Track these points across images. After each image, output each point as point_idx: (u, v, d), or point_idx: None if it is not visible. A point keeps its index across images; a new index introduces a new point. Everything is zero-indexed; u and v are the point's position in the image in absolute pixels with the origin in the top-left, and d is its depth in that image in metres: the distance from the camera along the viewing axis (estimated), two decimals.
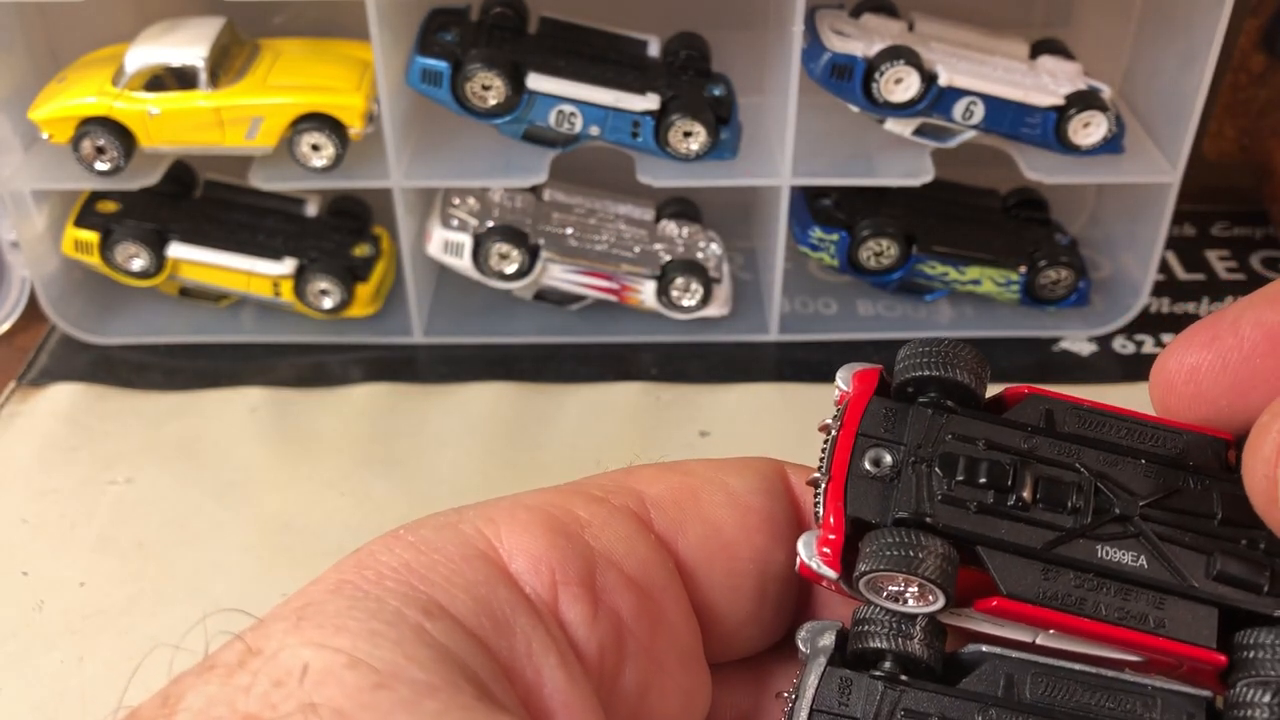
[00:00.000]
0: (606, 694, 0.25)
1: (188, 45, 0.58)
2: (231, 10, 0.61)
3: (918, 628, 0.26)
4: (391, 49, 0.57)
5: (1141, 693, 0.25)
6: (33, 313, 0.66)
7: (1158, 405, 0.27)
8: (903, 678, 0.26)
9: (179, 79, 0.58)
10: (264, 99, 0.59)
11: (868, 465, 0.26)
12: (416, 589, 0.23)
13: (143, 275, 0.64)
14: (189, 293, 0.66)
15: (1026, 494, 0.25)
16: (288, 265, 0.63)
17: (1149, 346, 0.66)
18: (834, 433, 0.26)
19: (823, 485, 0.26)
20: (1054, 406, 0.27)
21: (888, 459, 0.26)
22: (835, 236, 0.64)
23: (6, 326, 0.67)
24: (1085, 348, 0.66)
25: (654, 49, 0.63)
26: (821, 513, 0.25)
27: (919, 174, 0.61)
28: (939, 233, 0.66)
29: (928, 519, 0.25)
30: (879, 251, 0.65)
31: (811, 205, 0.65)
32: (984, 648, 0.26)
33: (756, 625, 0.28)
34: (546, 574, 0.25)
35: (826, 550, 0.25)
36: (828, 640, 0.26)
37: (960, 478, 0.25)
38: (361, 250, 0.66)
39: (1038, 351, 0.66)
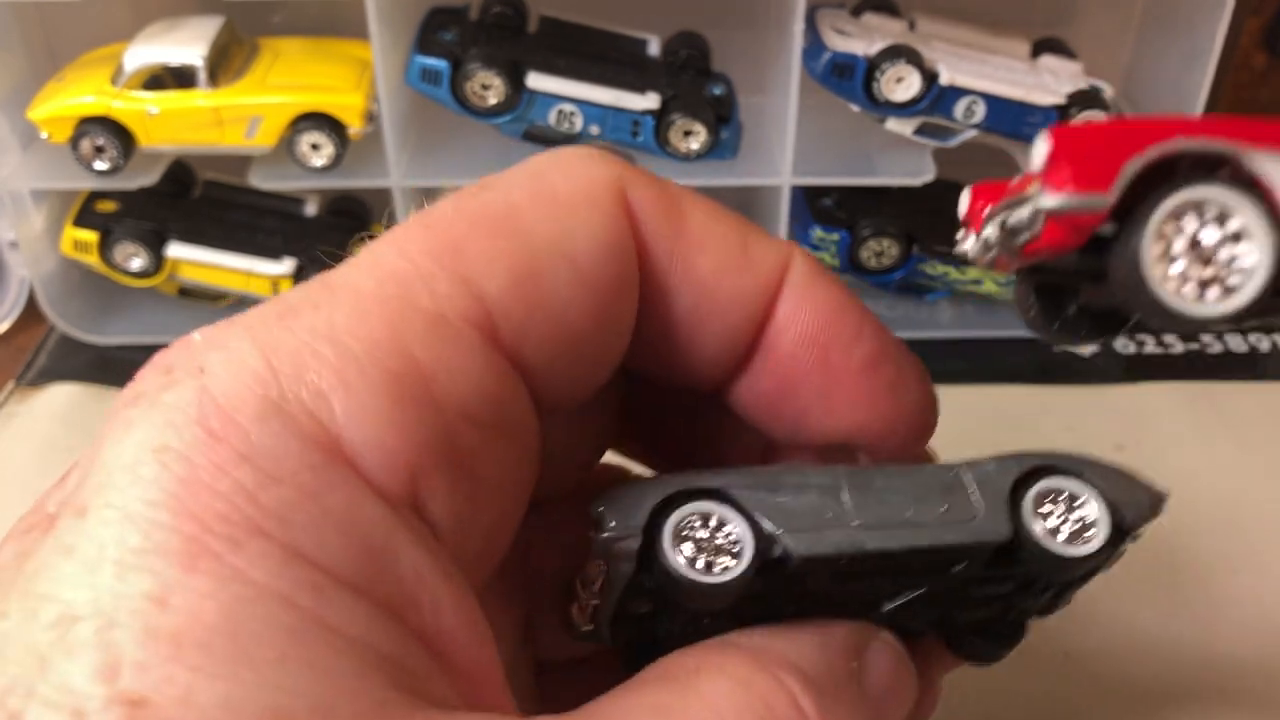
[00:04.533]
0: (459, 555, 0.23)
1: (187, 44, 0.58)
2: (231, 9, 0.61)
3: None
4: (391, 48, 0.57)
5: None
6: (31, 313, 0.66)
7: None
8: None
9: (178, 78, 0.58)
10: (263, 98, 0.59)
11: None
12: (290, 548, 0.20)
13: (142, 275, 0.63)
14: (188, 293, 0.66)
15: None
16: (287, 265, 0.63)
17: (1150, 346, 0.66)
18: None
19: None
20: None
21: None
22: (836, 236, 0.64)
23: (5, 326, 0.67)
24: (1086, 348, 0.66)
25: (654, 48, 0.63)
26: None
27: (920, 173, 0.61)
28: (940, 232, 0.65)
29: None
30: (880, 251, 0.65)
31: (812, 205, 0.65)
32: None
33: (590, 383, 0.27)
34: (407, 472, 0.22)
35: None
36: (631, 545, 0.26)
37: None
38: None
39: (1038, 351, 0.65)
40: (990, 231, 0.25)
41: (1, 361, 0.64)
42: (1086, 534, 0.26)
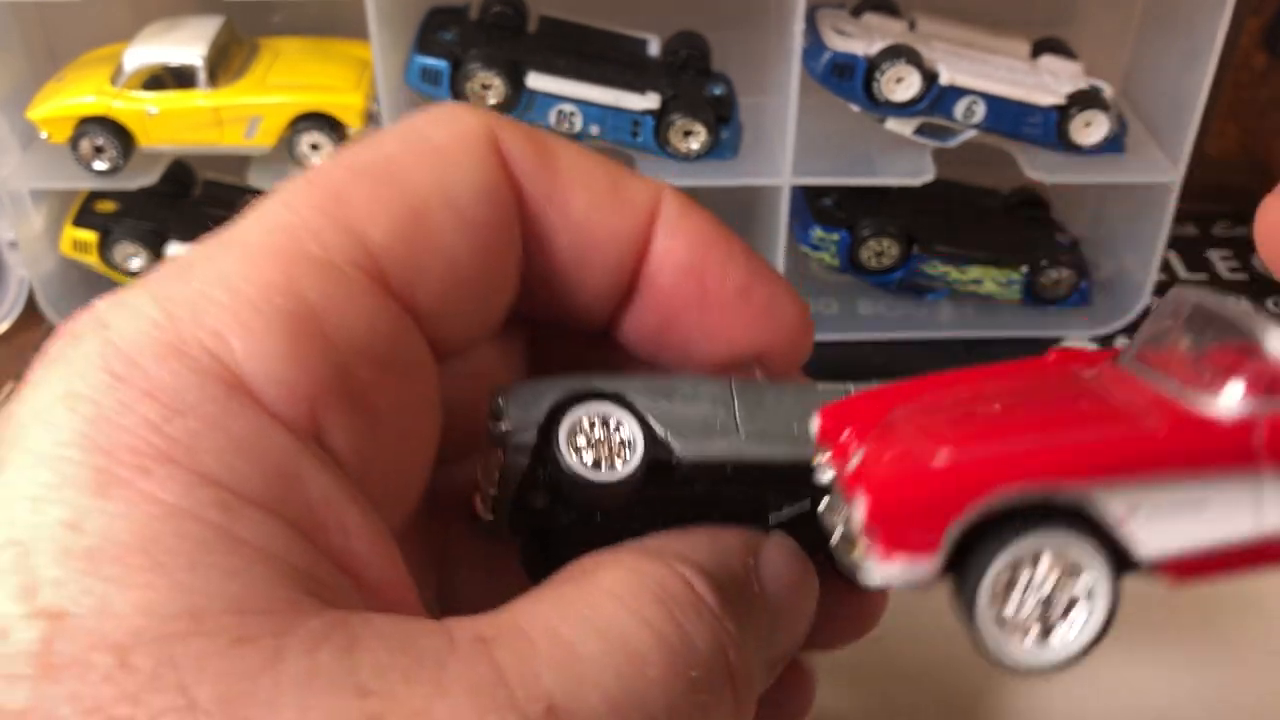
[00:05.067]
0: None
1: (186, 44, 0.58)
2: (230, 9, 0.61)
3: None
4: (391, 48, 0.57)
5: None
6: (31, 313, 0.66)
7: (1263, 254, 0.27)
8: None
9: (178, 78, 0.58)
10: (263, 98, 0.59)
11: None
12: (196, 472, 0.20)
13: (141, 275, 0.63)
14: None
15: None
16: None
17: None
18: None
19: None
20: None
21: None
22: (836, 236, 0.64)
23: (5, 326, 0.66)
24: (1087, 348, 0.66)
25: (654, 48, 0.63)
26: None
27: (920, 173, 0.61)
28: (940, 232, 0.65)
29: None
30: (880, 251, 0.65)
31: (812, 205, 0.65)
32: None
33: (482, 326, 0.28)
34: (306, 402, 0.22)
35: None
36: (527, 438, 0.27)
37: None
38: None
39: (1039, 351, 0.65)
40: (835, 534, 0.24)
41: (1, 361, 0.64)
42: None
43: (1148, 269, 0.65)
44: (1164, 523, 0.20)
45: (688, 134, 0.60)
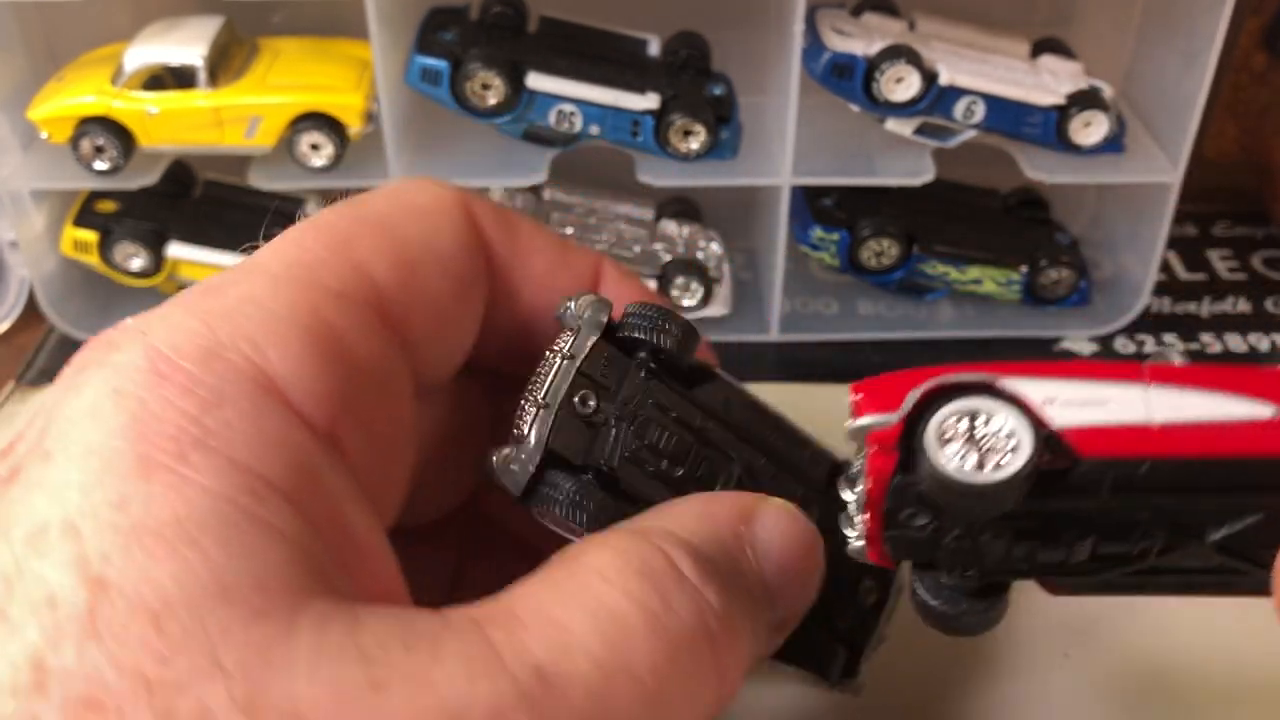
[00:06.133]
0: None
1: (187, 44, 0.58)
2: (231, 9, 0.61)
3: (676, 327, 0.31)
4: (391, 48, 0.57)
5: (800, 439, 0.34)
6: (31, 313, 0.66)
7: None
8: (653, 366, 0.30)
9: (178, 78, 0.58)
10: (263, 98, 0.59)
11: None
12: (230, 459, 0.23)
13: (142, 275, 0.63)
14: None
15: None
16: None
17: (1150, 346, 0.66)
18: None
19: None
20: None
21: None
22: (836, 236, 0.64)
23: (5, 326, 0.66)
24: (1086, 348, 0.66)
25: (654, 48, 0.63)
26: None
27: (919, 173, 0.61)
28: (940, 232, 0.65)
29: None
30: (880, 251, 0.65)
31: (812, 205, 0.65)
32: (717, 370, 0.33)
33: (453, 364, 0.32)
34: (328, 409, 0.25)
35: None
36: (602, 316, 0.31)
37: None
38: None
39: (1039, 351, 0.66)
40: (849, 496, 0.28)
41: (1, 361, 0.64)
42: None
43: (1147, 269, 0.65)
44: (1072, 410, 0.26)
45: (688, 134, 0.60)
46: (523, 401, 0.30)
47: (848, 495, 0.28)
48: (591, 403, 0.30)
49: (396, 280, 0.28)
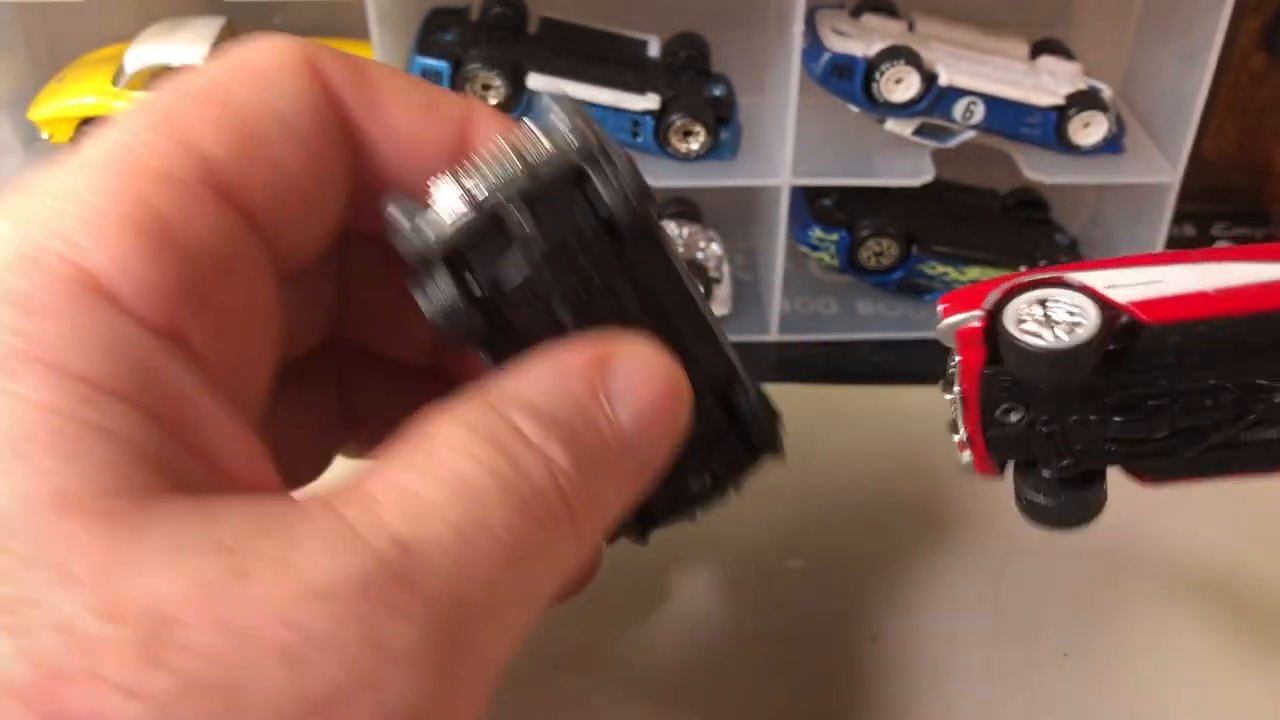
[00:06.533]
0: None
1: (188, 45, 0.58)
2: (231, 10, 0.61)
3: (634, 187, 0.28)
4: (391, 49, 0.57)
5: (710, 332, 0.32)
6: None
7: None
8: (595, 209, 0.28)
9: None
10: None
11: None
12: (55, 367, 0.22)
13: None
14: None
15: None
16: None
17: None
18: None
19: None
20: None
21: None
22: (835, 236, 0.64)
23: None
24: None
25: (654, 49, 0.63)
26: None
27: (919, 174, 0.61)
28: (939, 233, 0.66)
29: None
30: (879, 251, 0.65)
31: (811, 205, 0.65)
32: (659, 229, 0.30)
33: (318, 236, 0.30)
34: (162, 302, 0.24)
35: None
36: (574, 148, 0.28)
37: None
38: None
39: None
40: (948, 397, 0.31)
41: None
42: None
43: None
44: (1132, 289, 0.28)
45: (687, 134, 0.60)
46: (452, 172, 0.28)
47: (947, 396, 0.31)
48: (514, 213, 0.28)
49: (232, 152, 0.26)
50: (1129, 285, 0.28)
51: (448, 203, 0.28)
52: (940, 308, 0.30)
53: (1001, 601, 0.44)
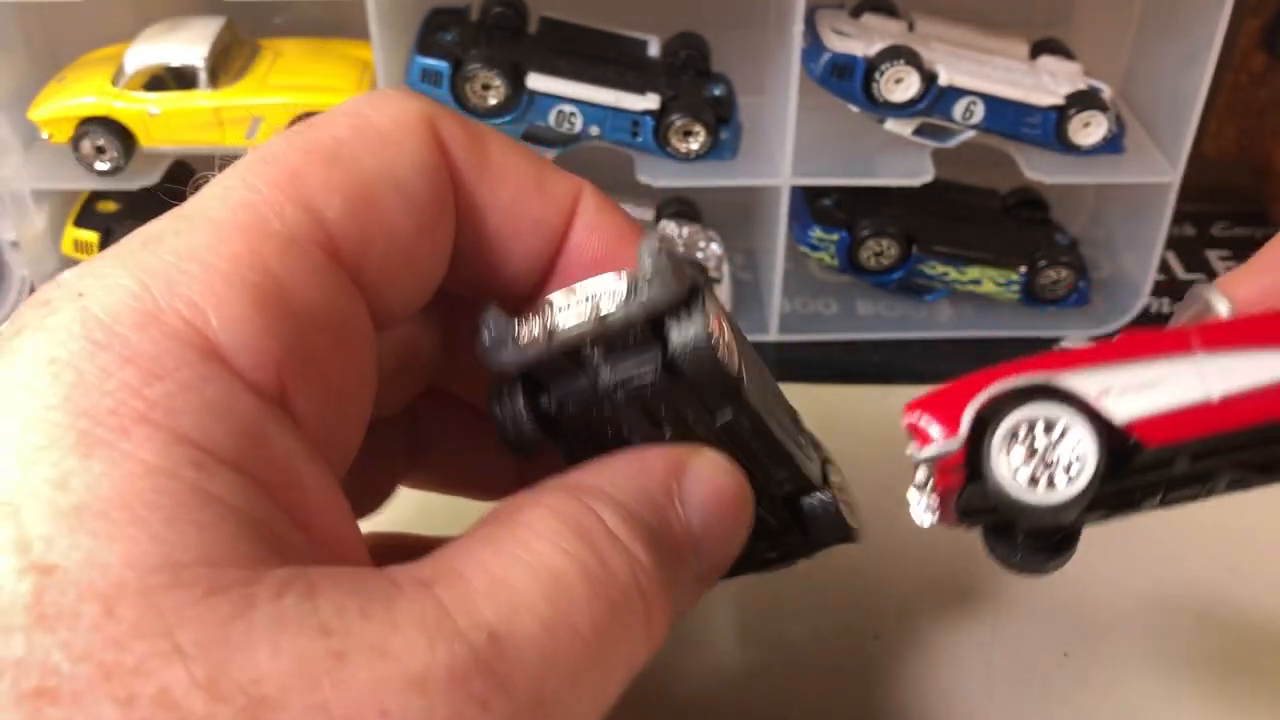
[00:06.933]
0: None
1: (188, 45, 0.58)
2: (232, 10, 0.61)
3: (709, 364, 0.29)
4: (391, 49, 0.57)
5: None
6: None
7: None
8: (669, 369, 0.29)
9: (179, 79, 0.58)
10: (264, 99, 0.59)
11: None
12: (173, 432, 0.22)
13: None
14: None
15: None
16: None
17: None
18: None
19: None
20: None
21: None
22: (835, 236, 0.64)
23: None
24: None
25: (654, 49, 0.63)
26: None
27: (919, 174, 0.61)
28: (939, 233, 0.65)
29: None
30: (879, 251, 0.65)
31: (811, 205, 0.65)
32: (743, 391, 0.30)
33: (418, 299, 0.30)
34: (274, 369, 0.24)
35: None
36: (665, 304, 0.29)
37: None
38: None
39: (1038, 351, 0.66)
40: (921, 482, 0.28)
41: None
42: None
43: (1146, 269, 0.65)
44: (1129, 398, 0.26)
45: (687, 134, 0.60)
46: (547, 302, 0.29)
47: (919, 475, 0.29)
48: (593, 354, 0.29)
49: (351, 217, 0.26)
50: (1125, 390, 0.26)
51: (531, 330, 0.29)
52: (909, 421, 0.28)
53: (1001, 601, 0.44)
